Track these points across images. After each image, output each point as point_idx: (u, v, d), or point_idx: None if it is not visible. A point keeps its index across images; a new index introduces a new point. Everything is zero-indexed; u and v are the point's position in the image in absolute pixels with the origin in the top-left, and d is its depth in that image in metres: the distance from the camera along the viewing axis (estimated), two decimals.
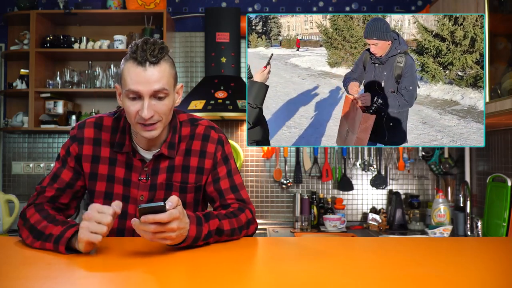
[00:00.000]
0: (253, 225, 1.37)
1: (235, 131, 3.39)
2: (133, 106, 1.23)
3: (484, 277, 0.95)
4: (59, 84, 3.18)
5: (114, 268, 1.00)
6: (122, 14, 3.16)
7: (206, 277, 0.94)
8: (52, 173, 1.35)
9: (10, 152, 3.40)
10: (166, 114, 1.27)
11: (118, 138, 1.35)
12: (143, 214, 1.02)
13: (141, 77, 1.20)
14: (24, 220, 1.24)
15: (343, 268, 1.03)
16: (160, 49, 1.21)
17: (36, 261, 1.05)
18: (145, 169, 1.34)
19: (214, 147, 1.38)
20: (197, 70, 3.41)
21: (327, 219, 3.07)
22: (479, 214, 2.95)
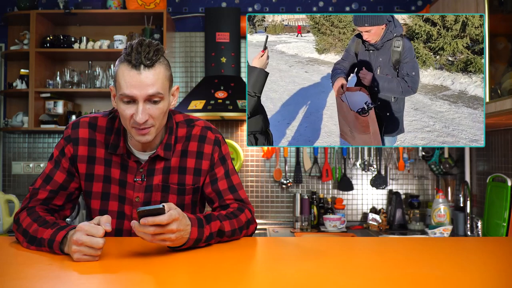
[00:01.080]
0: (253, 225, 1.37)
1: (235, 131, 3.39)
2: (128, 110, 1.21)
3: (484, 277, 0.95)
4: (59, 84, 3.18)
5: (114, 269, 1.00)
6: (122, 14, 3.16)
7: (206, 277, 0.94)
8: (45, 174, 1.32)
9: (10, 152, 3.40)
10: (160, 117, 1.24)
11: (113, 139, 1.32)
12: (142, 217, 1.02)
13: (135, 81, 1.17)
14: (17, 225, 1.23)
15: (343, 268, 1.03)
16: (155, 51, 1.18)
17: (36, 261, 1.05)
18: (140, 170, 1.33)
19: (211, 148, 1.37)
20: (197, 70, 3.41)
21: (327, 219, 3.07)
22: (479, 214, 2.95)
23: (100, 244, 1.02)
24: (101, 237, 1.02)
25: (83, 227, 1.03)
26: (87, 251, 1.02)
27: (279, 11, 3.43)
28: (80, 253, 1.02)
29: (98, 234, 1.02)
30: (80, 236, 1.02)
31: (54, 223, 1.16)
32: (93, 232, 1.02)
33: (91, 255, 1.02)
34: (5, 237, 1.35)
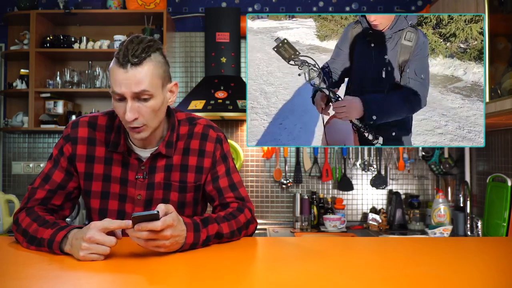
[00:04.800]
0: (253, 224, 1.37)
1: (235, 131, 3.39)
2: (120, 107, 1.22)
3: (484, 277, 0.95)
4: (59, 84, 3.18)
5: (114, 268, 1.00)
6: (122, 14, 3.16)
7: (206, 277, 0.94)
8: (44, 174, 1.32)
9: (10, 152, 3.40)
10: (152, 116, 1.23)
11: (113, 137, 1.32)
12: (136, 223, 1.02)
13: (122, 79, 1.17)
14: (16, 225, 1.22)
15: (343, 268, 1.03)
16: (145, 49, 1.18)
17: (36, 261, 1.05)
18: (142, 168, 1.33)
19: (213, 146, 1.37)
20: (197, 70, 3.41)
21: (327, 219, 3.07)
22: (479, 214, 2.95)
23: (113, 242, 1.03)
24: (114, 241, 1.04)
25: (96, 224, 1.05)
26: (97, 249, 1.02)
27: (279, 11, 3.42)
28: (89, 251, 1.02)
29: (111, 241, 1.04)
30: (94, 234, 1.03)
31: (54, 223, 1.16)
32: (109, 227, 1.05)
33: (100, 254, 1.03)
34: (5, 237, 1.35)
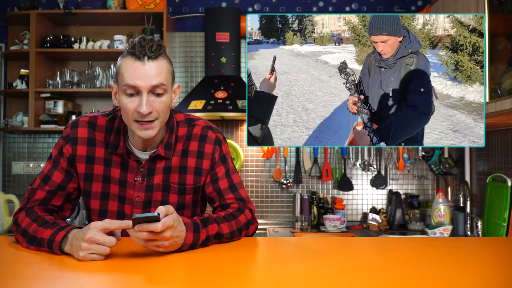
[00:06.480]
0: (253, 225, 1.36)
1: (235, 131, 3.39)
2: (131, 103, 1.20)
3: (484, 277, 0.95)
4: (59, 84, 3.18)
5: (114, 268, 1.00)
6: (122, 14, 3.16)
7: (206, 277, 0.94)
8: (43, 174, 1.32)
9: (10, 152, 3.40)
10: (164, 112, 1.24)
11: (113, 138, 1.32)
12: (136, 224, 1.02)
13: (139, 72, 1.18)
14: (16, 226, 1.22)
15: (343, 268, 1.03)
16: (158, 46, 1.20)
17: (36, 261, 1.05)
18: (140, 170, 1.32)
19: (211, 148, 1.37)
20: (197, 70, 3.41)
21: (327, 219, 3.07)
22: (479, 214, 2.95)
23: (113, 242, 1.04)
24: (114, 241, 1.05)
25: (96, 224, 1.05)
26: (97, 249, 1.03)
27: (279, 11, 3.42)
28: (89, 251, 1.02)
29: (111, 241, 1.05)
30: (94, 234, 1.03)
31: (54, 223, 1.16)
32: (109, 228, 1.05)
33: (100, 254, 1.03)
34: (5, 237, 1.35)
